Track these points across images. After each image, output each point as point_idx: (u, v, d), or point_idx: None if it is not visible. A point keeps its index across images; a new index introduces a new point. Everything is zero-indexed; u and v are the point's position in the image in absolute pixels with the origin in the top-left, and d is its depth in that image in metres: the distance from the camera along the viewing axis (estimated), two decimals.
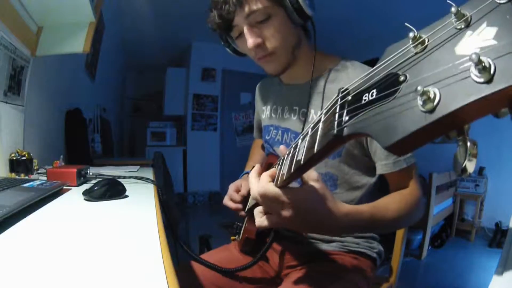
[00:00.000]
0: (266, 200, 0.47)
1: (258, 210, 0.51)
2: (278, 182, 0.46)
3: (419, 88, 0.18)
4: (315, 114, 0.70)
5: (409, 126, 0.19)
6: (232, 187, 0.83)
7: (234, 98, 4.65)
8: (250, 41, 0.63)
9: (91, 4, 1.28)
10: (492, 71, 0.16)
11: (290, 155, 0.42)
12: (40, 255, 0.38)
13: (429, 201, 2.38)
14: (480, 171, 3.11)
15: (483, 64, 0.16)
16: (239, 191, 0.80)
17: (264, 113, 0.87)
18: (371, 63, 0.68)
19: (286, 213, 0.45)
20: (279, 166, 0.48)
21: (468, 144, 0.19)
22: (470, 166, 0.19)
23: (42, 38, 1.32)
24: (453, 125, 0.18)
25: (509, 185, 2.86)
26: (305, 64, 0.71)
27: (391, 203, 0.59)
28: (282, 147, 0.52)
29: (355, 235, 0.75)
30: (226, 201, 0.81)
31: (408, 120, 0.19)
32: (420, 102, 0.18)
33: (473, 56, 0.16)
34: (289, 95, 0.78)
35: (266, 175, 0.48)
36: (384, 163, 0.65)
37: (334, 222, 0.47)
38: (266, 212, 0.50)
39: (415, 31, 0.21)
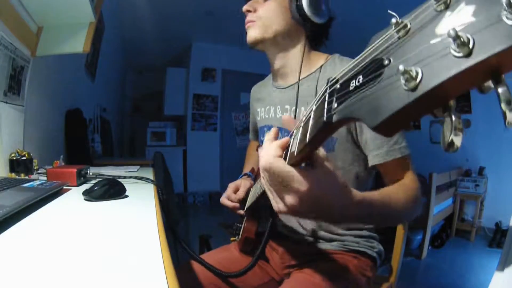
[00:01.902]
0: (270, 177, 0.39)
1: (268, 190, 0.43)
2: None
3: (400, 67, 0.19)
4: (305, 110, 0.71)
5: (394, 105, 0.19)
6: (231, 186, 0.83)
7: (234, 98, 4.65)
8: (245, 6, 0.74)
9: (91, 4, 1.28)
10: (471, 45, 0.16)
11: (286, 149, 0.41)
12: (40, 255, 0.38)
13: (429, 201, 2.38)
14: (480, 171, 3.11)
15: (462, 39, 0.16)
16: (238, 190, 0.81)
17: (259, 114, 0.88)
18: None
19: (290, 200, 0.38)
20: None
21: (454, 118, 0.19)
22: (457, 140, 0.19)
23: (42, 38, 1.32)
24: (438, 101, 0.19)
25: (509, 185, 2.86)
26: (297, 64, 0.75)
27: (398, 192, 0.55)
28: (285, 117, 0.45)
29: (356, 234, 0.75)
30: (223, 200, 0.82)
31: (393, 100, 0.20)
32: (403, 82, 0.19)
33: (451, 31, 0.16)
34: (281, 95, 0.80)
35: (276, 146, 0.40)
36: (375, 153, 0.63)
37: (345, 212, 0.41)
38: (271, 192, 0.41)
39: (397, 17, 0.22)
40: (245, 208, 0.80)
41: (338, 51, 0.75)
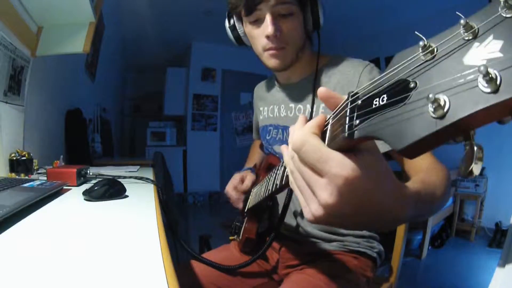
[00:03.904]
0: (302, 160, 0.29)
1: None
2: None
3: (430, 95, 0.19)
4: (311, 109, 0.71)
5: (420, 131, 0.20)
6: (236, 177, 0.83)
7: (234, 98, 4.65)
8: (271, 28, 0.64)
9: (91, 4, 1.28)
10: (498, 82, 0.17)
11: None
12: (40, 255, 0.38)
13: None
14: (480, 171, 3.10)
15: (490, 76, 0.17)
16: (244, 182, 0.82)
17: (262, 114, 0.88)
18: (372, 63, 0.69)
19: (326, 195, 0.27)
20: None
21: (475, 148, 0.20)
22: (477, 168, 0.20)
23: (42, 38, 1.32)
24: (461, 131, 0.19)
25: (509, 185, 2.86)
26: (302, 65, 0.74)
27: (435, 179, 0.48)
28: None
29: (356, 234, 0.75)
30: (229, 189, 0.82)
31: (420, 126, 0.20)
32: (431, 109, 0.19)
33: (482, 68, 0.17)
34: (285, 94, 0.80)
35: (313, 123, 0.31)
36: None
37: (399, 213, 0.31)
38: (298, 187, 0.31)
39: (425, 39, 0.22)
40: (246, 208, 0.80)
41: (336, 48, 0.75)
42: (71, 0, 1.24)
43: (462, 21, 0.20)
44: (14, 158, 1.06)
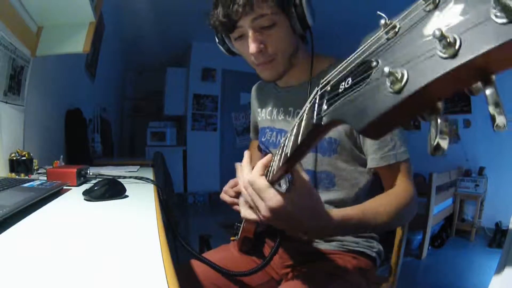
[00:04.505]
0: (251, 191, 0.47)
1: (242, 200, 0.52)
2: (270, 177, 0.45)
3: (385, 69, 0.18)
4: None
5: (378, 108, 0.19)
6: (230, 183, 0.84)
7: (234, 98, 4.65)
8: (253, 46, 0.62)
9: (91, 4, 1.28)
10: (457, 46, 0.16)
11: (281, 150, 0.42)
12: (40, 255, 0.38)
13: (429, 201, 2.38)
14: (480, 171, 3.11)
15: (448, 40, 0.16)
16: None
17: (260, 115, 0.88)
18: None
19: (264, 213, 0.45)
20: (272, 163, 0.47)
21: (439, 121, 0.18)
22: (443, 143, 0.18)
23: (42, 38, 1.32)
24: (424, 104, 0.18)
25: (509, 185, 2.87)
26: (300, 68, 0.72)
27: (382, 205, 0.57)
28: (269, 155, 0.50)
29: (355, 234, 0.75)
30: (222, 195, 0.83)
31: (378, 102, 0.19)
32: (388, 84, 0.19)
33: (436, 32, 0.16)
34: (284, 97, 0.78)
35: (260, 166, 0.47)
36: (372, 157, 0.64)
37: (321, 231, 0.48)
38: (249, 205, 0.50)
39: (386, 18, 0.22)
40: None
41: (339, 51, 0.74)
42: (71, 0, 1.24)
43: None
44: (14, 158, 1.06)
